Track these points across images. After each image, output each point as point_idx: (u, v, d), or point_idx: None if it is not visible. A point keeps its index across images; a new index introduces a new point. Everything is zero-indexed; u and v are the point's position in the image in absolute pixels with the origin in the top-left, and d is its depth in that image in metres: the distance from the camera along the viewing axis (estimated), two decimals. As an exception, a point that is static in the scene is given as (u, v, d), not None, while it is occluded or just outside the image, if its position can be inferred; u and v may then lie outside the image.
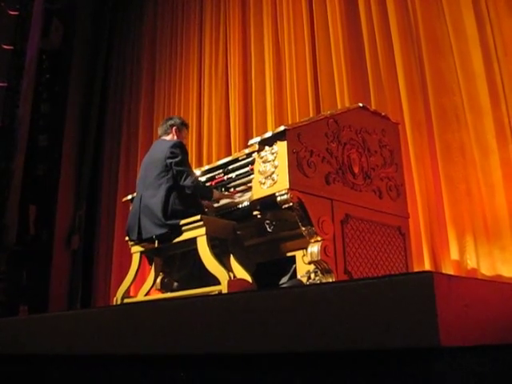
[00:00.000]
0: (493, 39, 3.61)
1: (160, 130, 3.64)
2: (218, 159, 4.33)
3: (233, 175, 3.50)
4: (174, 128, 3.57)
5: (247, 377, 1.67)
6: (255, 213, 3.03)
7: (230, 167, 3.53)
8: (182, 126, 3.63)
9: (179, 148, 3.35)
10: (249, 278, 2.96)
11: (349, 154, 3.12)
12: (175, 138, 3.55)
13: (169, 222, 3.17)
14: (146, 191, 3.35)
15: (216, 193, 3.35)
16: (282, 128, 2.82)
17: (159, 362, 2.01)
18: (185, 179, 3.24)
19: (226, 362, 1.74)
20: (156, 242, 3.35)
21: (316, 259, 2.73)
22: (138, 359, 2.08)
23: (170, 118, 3.68)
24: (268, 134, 2.90)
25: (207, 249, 3.05)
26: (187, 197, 3.28)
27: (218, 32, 6.11)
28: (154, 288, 3.67)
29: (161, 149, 3.41)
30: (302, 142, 2.86)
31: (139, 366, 2.09)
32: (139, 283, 4.18)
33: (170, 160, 3.29)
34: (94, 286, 7.00)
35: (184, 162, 3.32)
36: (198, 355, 1.81)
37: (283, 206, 2.74)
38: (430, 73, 3.95)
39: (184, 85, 6.42)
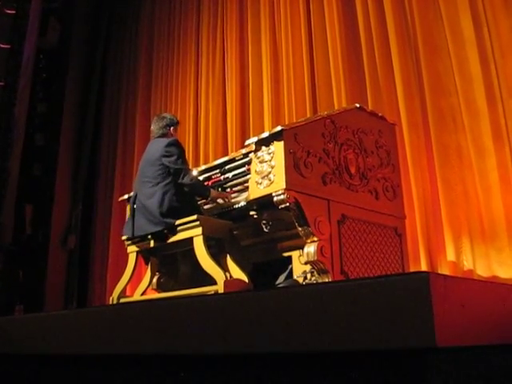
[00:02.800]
0: (490, 41, 3.62)
1: (155, 130, 3.59)
2: (215, 159, 4.33)
3: (229, 175, 3.49)
4: (171, 128, 3.59)
5: (245, 376, 1.67)
6: (252, 213, 3.03)
7: (227, 167, 3.53)
8: (177, 125, 3.66)
9: (174, 146, 3.36)
10: (245, 278, 2.96)
11: (345, 154, 3.12)
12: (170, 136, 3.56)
13: (166, 220, 3.18)
14: (142, 190, 3.36)
15: (213, 191, 3.35)
16: (278, 128, 2.82)
17: (155, 362, 2.00)
18: (183, 177, 3.26)
19: (223, 361, 1.74)
20: (152, 241, 3.36)
21: (312, 259, 2.73)
22: (134, 359, 2.08)
23: (164, 117, 3.64)
24: (265, 134, 2.90)
25: (203, 249, 3.05)
26: (185, 195, 3.30)
27: (215, 32, 6.11)
28: (150, 288, 3.67)
29: (156, 148, 3.42)
30: (298, 143, 2.86)
31: (135, 366, 2.08)
32: (135, 283, 4.18)
33: (167, 159, 3.30)
34: (90, 286, 6.98)
35: (181, 160, 3.33)
36: (194, 355, 1.81)
37: (280, 206, 2.74)
38: (427, 74, 3.95)
39: (181, 85, 6.42)
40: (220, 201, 3.40)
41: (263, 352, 1.59)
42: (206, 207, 3.48)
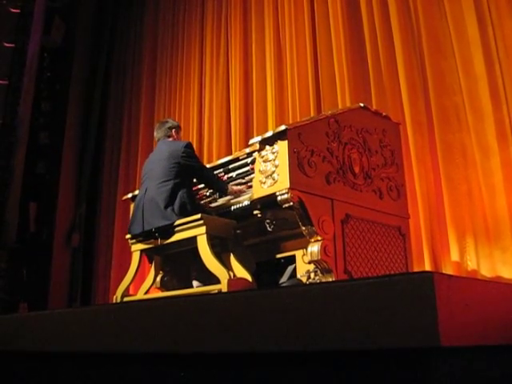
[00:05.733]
0: (494, 40, 3.61)
1: (158, 134, 3.73)
2: (219, 158, 4.33)
3: (233, 174, 3.50)
4: (173, 130, 3.70)
5: (247, 376, 1.67)
6: (255, 212, 3.03)
7: (231, 166, 3.54)
8: (179, 128, 3.79)
9: (191, 148, 3.51)
10: (249, 277, 2.96)
11: (349, 153, 3.12)
12: (176, 139, 3.70)
13: (176, 215, 3.21)
14: (152, 186, 3.39)
15: (230, 186, 3.40)
16: (282, 127, 2.81)
17: (158, 361, 2.01)
18: (206, 173, 3.46)
19: (226, 361, 1.74)
20: (156, 238, 3.36)
21: (316, 259, 2.73)
22: (137, 358, 2.08)
23: (166, 122, 3.79)
24: (269, 134, 2.90)
25: (207, 248, 3.06)
26: (194, 194, 3.45)
27: (219, 30, 6.11)
28: (153, 286, 3.67)
29: (170, 147, 3.50)
30: (302, 142, 2.85)
31: (138, 365, 2.09)
32: (139, 281, 4.18)
33: (187, 158, 3.40)
34: (93, 284, 7.00)
35: (199, 160, 3.56)
36: (197, 354, 1.81)
37: (283, 206, 2.74)
38: (432, 73, 3.94)
39: (185, 84, 6.42)
40: (222, 201, 3.43)
41: (266, 351, 1.59)
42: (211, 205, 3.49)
